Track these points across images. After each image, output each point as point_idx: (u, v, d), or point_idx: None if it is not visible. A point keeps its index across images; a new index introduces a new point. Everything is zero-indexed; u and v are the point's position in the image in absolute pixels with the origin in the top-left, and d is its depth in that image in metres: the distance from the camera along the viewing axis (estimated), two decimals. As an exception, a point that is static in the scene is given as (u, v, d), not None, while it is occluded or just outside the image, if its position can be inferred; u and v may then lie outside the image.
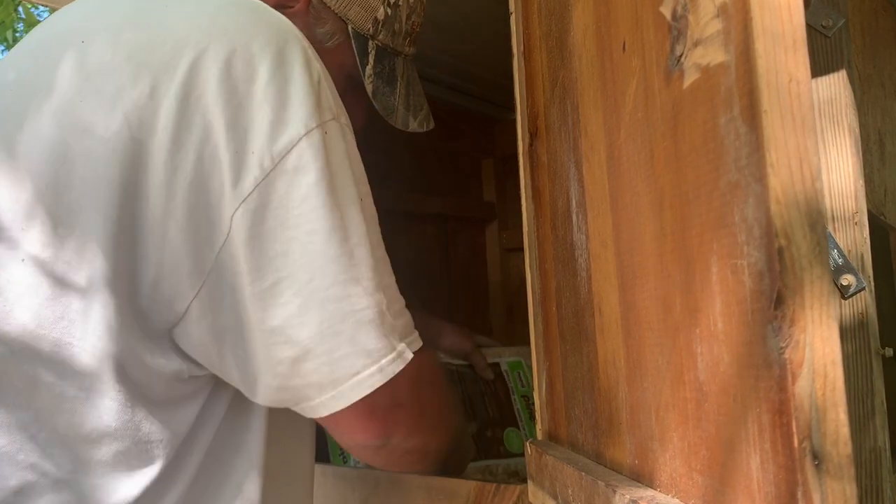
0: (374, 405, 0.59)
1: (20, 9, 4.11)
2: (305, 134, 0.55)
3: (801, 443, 0.26)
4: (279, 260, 0.54)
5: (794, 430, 0.26)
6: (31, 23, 4.24)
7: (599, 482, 0.44)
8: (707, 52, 0.32)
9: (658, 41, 0.37)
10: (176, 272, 0.56)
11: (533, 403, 1.13)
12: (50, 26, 0.66)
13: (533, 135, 0.69)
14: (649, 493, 0.40)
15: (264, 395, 0.60)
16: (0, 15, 3.90)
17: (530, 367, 1.21)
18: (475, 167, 1.83)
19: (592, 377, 0.52)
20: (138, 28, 0.60)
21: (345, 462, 1.06)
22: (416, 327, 0.64)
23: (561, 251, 0.60)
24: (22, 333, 0.55)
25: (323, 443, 1.03)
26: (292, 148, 0.54)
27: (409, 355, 0.60)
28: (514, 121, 0.74)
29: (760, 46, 0.28)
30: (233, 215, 0.54)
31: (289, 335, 0.56)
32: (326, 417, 0.59)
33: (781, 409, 0.27)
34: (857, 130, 0.62)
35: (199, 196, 0.55)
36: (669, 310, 0.37)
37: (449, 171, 1.74)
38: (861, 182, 0.61)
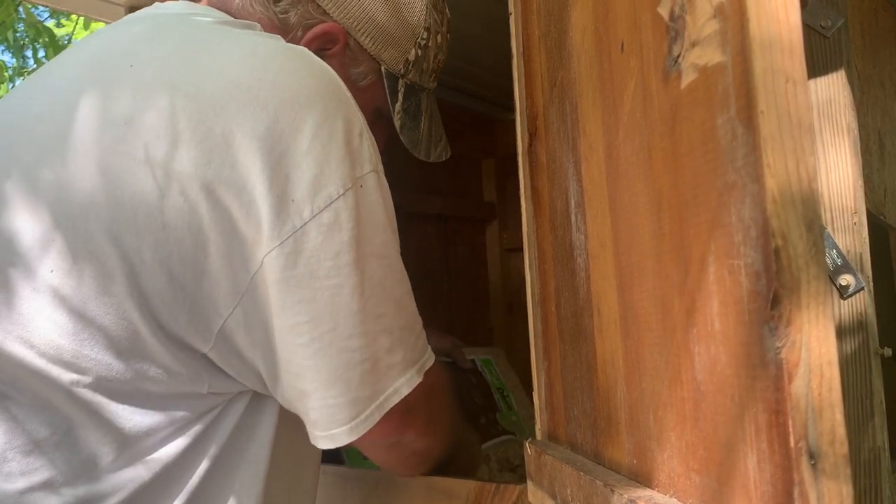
0: (391, 412, 0.64)
1: (20, 9, 4.11)
2: (344, 193, 0.58)
3: (797, 442, 0.26)
4: (305, 305, 0.58)
5: (791, 429, 0.26)
6: (30, 23, 4.24)
7: (598, 482, 0.44)
8: (704, 53, 0.32)
9: (656, 42, 0.37)
10: (213, 293, 0.59)
11: (507, 395, 1.24)
12: (82, 56, 0.67)
13: (532, 135, 0.69)
14: (647, 492, 0.40)
15: (282, 396, 0.64)
16: (0, 15, 3.90)
17: (499, 364, 1.29)
18: (475, 167, 1.83)
19: (591, 377, 0.52)
20: (182, 72, 0.61)
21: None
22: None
23: (560, 251, 0.60)
24: (41, 357, 0.58)
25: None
26: (331, 203, 0.57)
27: (417, 380, 0.65)
28: (514, 121, 0.74)
29: (757, 47, 0.28)
30: (265, 256, 0.57)
31: (301, 372, 0.60)
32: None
33: (778, 409, 0.27)
34: (857, 131, 0.62)
35: (234, 230, 0.58)
36: (667, 310, 0.37)
37: (449, 171, 1.74)
38: (860, 182, 0.61)
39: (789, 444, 0.26)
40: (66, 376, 0.58)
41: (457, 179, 1.76)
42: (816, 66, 0.63)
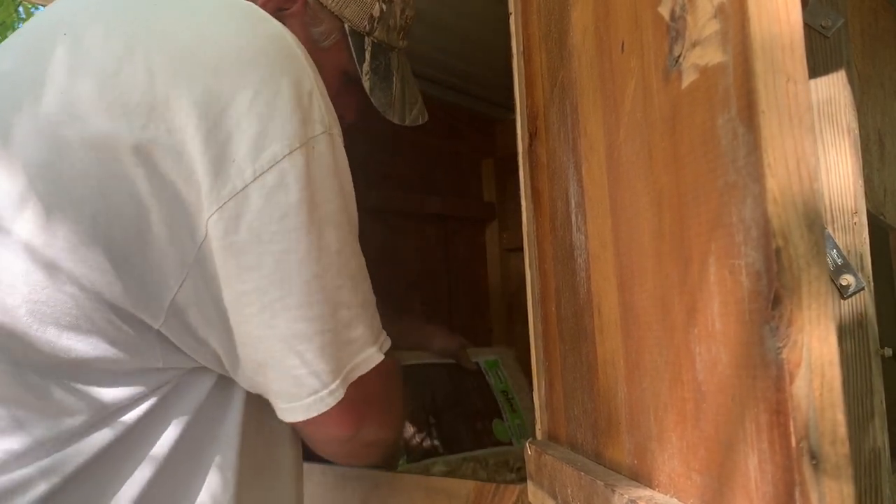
0: (351, 400, 0.61)
1: (20, 9, 4.11)
2: (289, 153, 0.55)
3: (798, 442, 0.26)
4: (250, 273, 0.55)
5: (792, 429, 0.26)
6: (31, 23, 4.24)
7: (598, 482, 0.44)
8: (705, 53, 0.32)
9: (656, 41, 0.37)
10: (161, 265, 0.56)
11: (512, 397, 1.22)
12: (44, 17, 0.66)
13: (532, 135, 0.69)
14: (648, 492, 0.40)
15: (243, 376, 0.62)
16: (0, 15, 3.90)
17: (506, 365, 1.29)
18: (475, 167, 1.83)
19: (591, 377, 0.52)
20: (130, 23, 0.59)
21: None
22: (390, 331, 0.67)
23: (560, 251, 0.60)
24: (13, 318, 0.56)
25: None
26: (275, 164, 0.54)
27: (378, 357, 0.62)
28: (514, 121, 0.74)
29: (758, 47, 0.28)
30: (208, 220, 0.54)
31: (254, 342, 0.57)
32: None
33: (779, 409, 0.27)
34: (857, 131, 0.62)
35: (175, 197, 0.55)
36: (668, 310, 0.37)
37: (449, 171, 1.74)
38: (860, 182, 0.61)
39: (790, 444, 0.26)
40: (23, 350, 0.56)
41: (457, 179, 1.76)
42: (816, 66, 0.63)
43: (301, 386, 0.58)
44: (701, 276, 0.33)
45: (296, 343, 0.57)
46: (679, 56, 0.34)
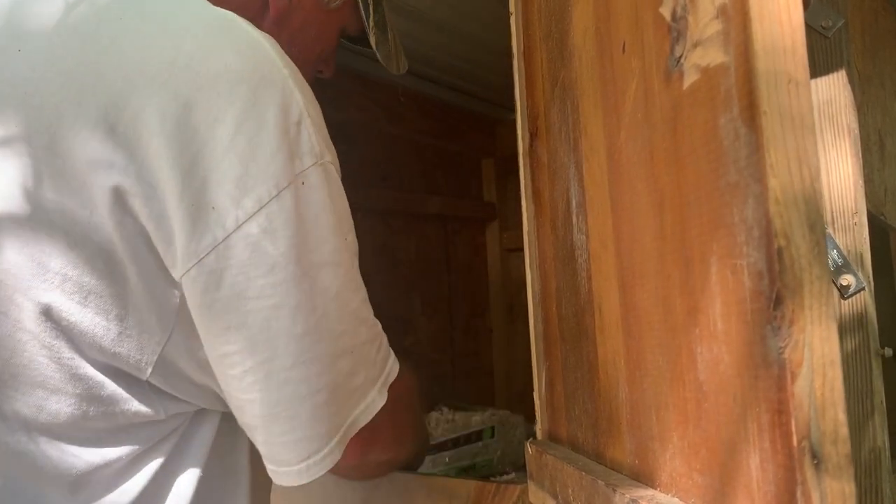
0: (353, 441, 0.57)
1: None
2: (276, 195, 0.48)
3: (800, 442, 0.26)
4: (234, 332, 0.49)
5: (794, 429, 0.26)
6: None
7: (599, 481, 0.44)
8: (707, 53, 0.32)
9: (658, 42, 0.37)
10: (144, 322, 0.52)
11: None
12: None
13: (533, 135, 0.69)
14: (649, 492, 0.40)
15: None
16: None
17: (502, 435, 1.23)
18: (475, 167, 1.83)
19: (592, 377, 0.52)
20: (84, 41, 0.51)
21: None
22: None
23: (561, 251, 0.60)
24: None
25: None
26: (260, 209, 0.48)
27: (381, 401, 0.57)
28: (514, 121, 0.74)
29: (760, 48, 0.28)
30: (182, 276, 0.48)
31: (243, 406, 0.53)
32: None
33: (780, 409, 0.27)
34: (857, 131, 0.62)
35: (149, 250, 0.49)
36: (669, 310, 0.37)
37: (449, 171, 1.74)
38: (861, 182, 0.62)
39: (792, 443, 0.26)
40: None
41: (457, 179, 1.76)
42: (817, 66, 0.63)
43: (293, 451, 0.53)
44: (702, 277, 0.33)
45: (287, 407, 0.51)
46: (680, 56, 0.34)
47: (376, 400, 0.56)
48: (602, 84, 0.47)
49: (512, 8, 0.74)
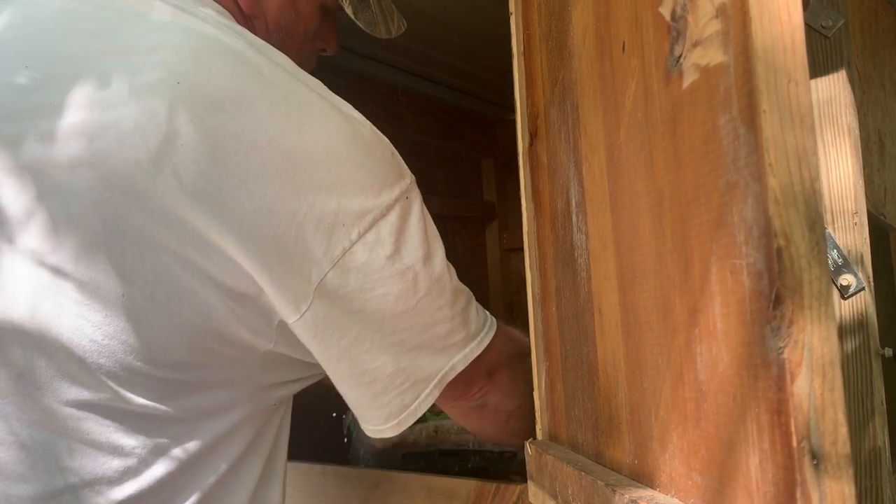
0: (471, 377, 0.70)
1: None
2: (387, 212, 0.62)
3: (799, 442, 0.26)
4: (356, 315, 0.63)
5: (793, 429, 0.26)
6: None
7: (599, 482, 0.44)
8: (706, 53, 0.32)
9: (657, 42, 0.37)
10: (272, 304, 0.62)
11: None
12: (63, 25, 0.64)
13: (533, 135, 0.69)
14: (649, 492, 0.40)
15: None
16: (0, 15, 3.89)
17: None
18: (475, 167, 1.83)
19: (592, 377, 0.52)
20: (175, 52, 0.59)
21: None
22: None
23: (561, 251, 0.60)
24: (21, 324, 0.58)
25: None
26: (374, 224, 0.61)
27: (477, 351, 0.70)
28: (514, 121, 0.74)
29: (759, 47, 0.28)
30: (323, 278, 0.61)
31: (372, 375, 0.66)
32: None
33: (780, 409, 0.27)
34: (857, 131, 0.62)
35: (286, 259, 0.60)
36: (669, 310, 0.37)
37: (449, 171, 1.74)
38: (861, 182, 0.61)
39: (791, 444, 0.26)
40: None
41: (457, 179, 1.76)
42: (817, 66, 0.63)
43: (403, 400, 0.67)
44: (702, 277, 0.33)
45: (402, 361, 0.65)
46: (680, 56, 0.34)
47: (474, 349, 0.69)
48: (602, 84, 0.47)
49: (512, 8, 0.74)
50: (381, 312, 0.64)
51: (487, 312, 0.74)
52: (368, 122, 0.67)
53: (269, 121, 0.58)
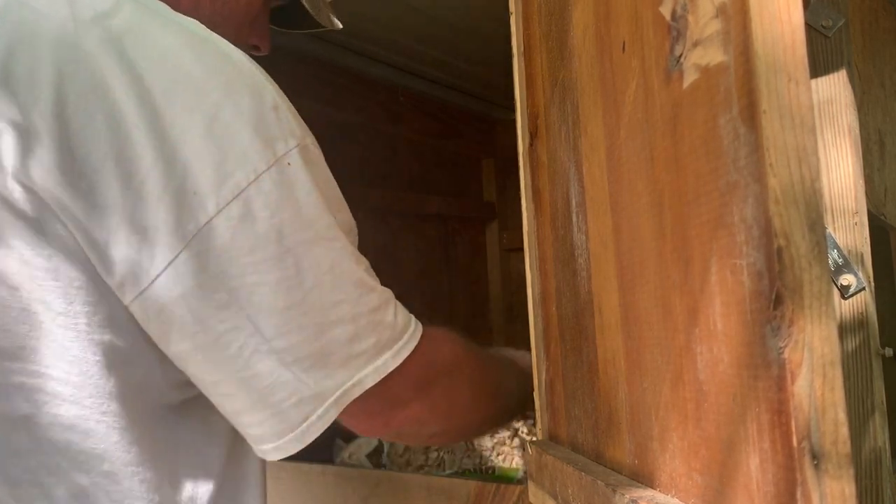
0: (370, 409, 0.58)
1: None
2: (255, 179, 0.51)
3: (800, 442, 0.26)
4: (224, 312, 0.51)
5: (794, 429, 0.26)
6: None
7: (599, 482, 0.44)
8: (706, 53, 0.32)
9: (657, 41, 0.37)
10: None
11: None
12: None
13: (533, 135, 0.69)
14: (649, 492, 0.40)
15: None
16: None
17: None
18: (475, 167, 1.83)
19: (592, 377, 0.52)
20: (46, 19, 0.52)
21: None
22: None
23: (561, 251, 0.60)
24: None
25: None
26: (240, 193, 0.50)
27: (392, 364, 0.57)
28: (514, 121, 0.74)
29: (759, 47, 0.28)
30: (172, 261, 0.50)
31: (235, 388, 0.54)
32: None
33: (780, 409, 0.27)
34: (857, 130, 0.62)
35: (134, 229, 0.50)
36: (669, 310, 0.37)
37: (449, 171, 1.74)
38: (861, 182, 0.61)
39: (792, 443, 0.26)
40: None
41: (457, 179, 1.77)
42: (817, 65, 0.63)
43: (284, 423, 0.55)
44: (702, 276, 0.33)
45: (281, 373, 0.53)
46: (680, 56, 0.34)
47: (387, 362, 0.57)
48: (602, 83, 0.47)
49: (512, 7, 0.74)
50: (256, 308, 0.52)
51: (412, 316, 0.61)
52: (247, 57, 0.55)
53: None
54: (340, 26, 0.90)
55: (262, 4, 0.76)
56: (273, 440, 0.55)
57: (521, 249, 0.72)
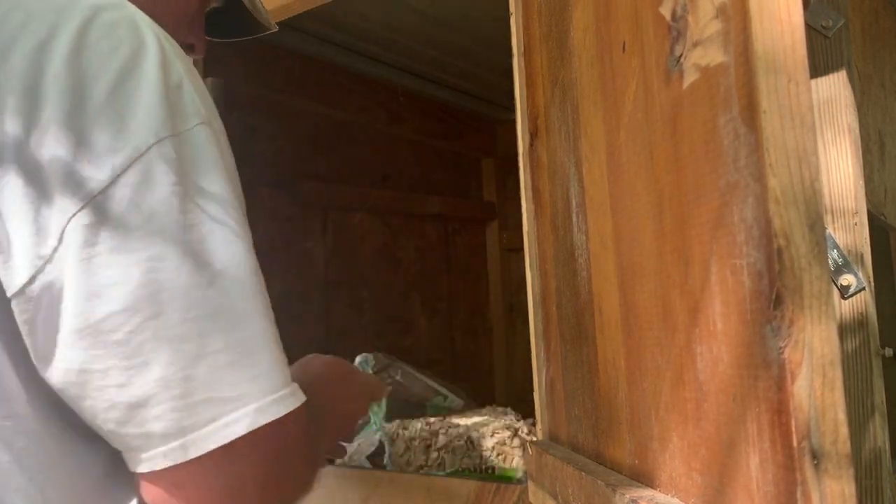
0: (210, 489, 0.50)
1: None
2: (156, 143, 0.48)
3: (800, 442, 0.26)
4: (114, 290, 0.46)
5: (793, 429, 0.26)
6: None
7: (599, 482, 0.44)
8: (706, 53, 0.32)
9: (658, 42, 0.37)
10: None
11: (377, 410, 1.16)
12: None
13: (533, 135, 0.69)
14: (649, 492, 0.40)
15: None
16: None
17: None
18: (475, 167, 1.83)
19: (592, 377, 0.52)
20: None
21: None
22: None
23: (561, 251, 0.60)
24: None
25: None
26: (137, 159, 0.47)
27: (280, 411, 0.50)
28: (514, 121, 0.74)
29: (759, 47, 0.28)
30: (64, 229, 0.46)
31: (128, 377, 0.47)
32: (161, 481, 0.49)
33: (780, 409, 0.27)
34: (857, 130, 0.62)
35: (29, 195, 0.47)
36: (669, 310, 0.37)
37: (449, 171, 1.74)
38: (861, 182, 0.61)
39: (792, 443, 0.26)
40: None
41: (457, 179, 1.77)
42: (817, 66, 0.63)
43: (199, 414, 0.48)
44: (702, 276, 0.33)
45: (186, 366, 0.47)
46: (680, 56, 0.34)
47: (258, 419, 0.48)
48: (602, 84, 0.47)
49: (512, 8, 0.74)
50: (154, 286, 0.46)
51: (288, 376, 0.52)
52: (164, 34, 0.53)
53: None
54: (276, 28, 0.90)
55: (198, 4, 0.76)
56: (160, 444, 0.48)
57: (521, 249, 0.72)
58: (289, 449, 0.53)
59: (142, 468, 0.49)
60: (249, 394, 0.48)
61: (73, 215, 0.46)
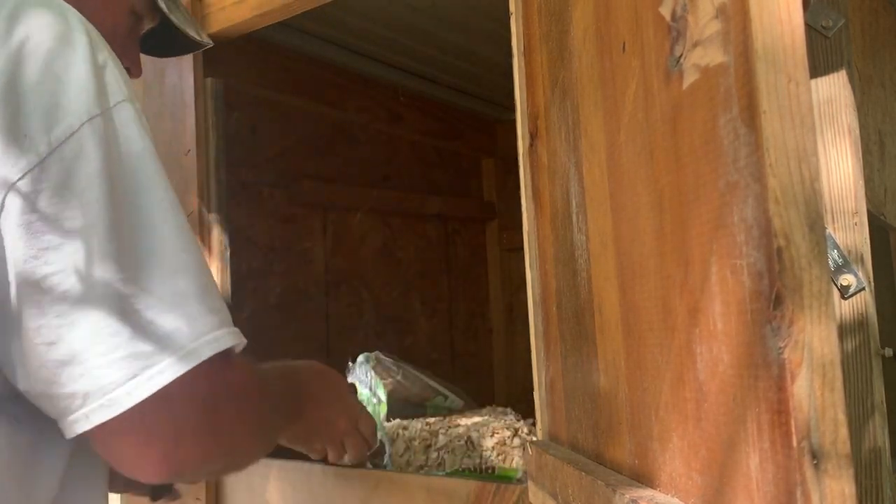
0: (150, 437, 0.52)
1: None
2: (88, 120, 0.52)
3: (799, 442, 0.26)
4: (52, 254, 0.50)
5: (793, 429, 0.26)
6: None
7: (599, 482, 0.44)
8: (706, 53, 0.32)
9: (658, 42, 0.37)
10: None
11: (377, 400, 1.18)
12: None
13: (533, 135, 0.69)
14: (649, 492, 0.40)
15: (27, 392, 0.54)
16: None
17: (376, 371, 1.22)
18: (475, 167, 1.83)
19: (592, 377, 0.52)
20: None
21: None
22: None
23: (561, 251, 0.60)
24: None
25: None
26: (72, 134, 0.51)
27: (205, 353, 0.53)
28: (515, 121, 0.74)
29: (759, 47, 0.28)
30: (5, 197, 0.50)
31: (58, 335, 0.50)
32: (101, 437, 0.52)
33: (780, 409, 0.27)
34: (857, 131, 0.62)
35: None
36: (669, 310, 0.37)
37: (449, 171, 1.74)
38: (861, 182, 0.61)
39: (792, 443, 0.26)
40: None
41: (457, 179, 1.77)
42: (817, 66, 0.63)
43: (120, 371, 0.50)
44: (702, 277, 0.33)
45: (111, 323, 0.50)
46: (680, 56, 0.34)
47: (179, 368, 0.51)
48: (602, 84, 0.47)
49: (512, 8, 0.74)
50: (86, 251, 0.50)
51: (226, 319, 0.56)
52: (83, 19, 0.57)
53: None
54: (212, 43, 0.91)
55: (127, 29, 0.78)
56: (84, 404, 0.51)
57: (521, 249, 0.72)
58: (227, 394, 0.56)
59: (78, 428, 0.51)
60: (176, 342, 0.52)
61: (13, 185, 0.50)
